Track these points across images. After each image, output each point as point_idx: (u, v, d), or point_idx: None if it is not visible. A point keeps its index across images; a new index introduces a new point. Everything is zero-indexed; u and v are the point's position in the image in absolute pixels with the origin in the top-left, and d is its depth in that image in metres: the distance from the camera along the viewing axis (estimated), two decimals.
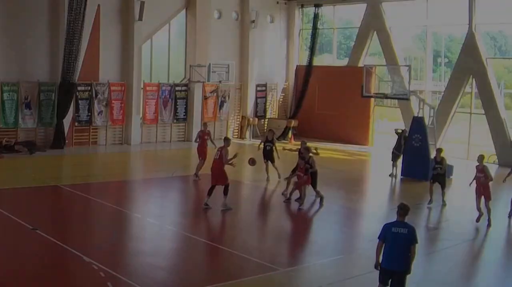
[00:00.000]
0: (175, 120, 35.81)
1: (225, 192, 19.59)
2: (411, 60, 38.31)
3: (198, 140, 25.59)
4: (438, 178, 21.51)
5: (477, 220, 19.08)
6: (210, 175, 19.99)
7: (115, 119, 33.44)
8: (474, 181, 19.52)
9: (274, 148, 25.35)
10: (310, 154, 21.04)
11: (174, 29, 36.88)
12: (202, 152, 25.22)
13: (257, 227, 19.47)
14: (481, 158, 19.68)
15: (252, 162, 21.68)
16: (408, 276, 11.19)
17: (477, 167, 19.50)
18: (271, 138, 25.72)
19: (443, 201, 21.55)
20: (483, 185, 19.21)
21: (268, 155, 25.35)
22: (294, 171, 21.79)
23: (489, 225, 18.90)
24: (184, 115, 36.27)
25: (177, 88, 35.93)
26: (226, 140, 20.16)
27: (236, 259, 15.18)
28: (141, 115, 34.45)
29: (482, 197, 19.16)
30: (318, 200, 21.08)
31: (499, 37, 36.82)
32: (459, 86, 33.45)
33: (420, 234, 13.89)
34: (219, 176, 19.63)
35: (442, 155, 21.69)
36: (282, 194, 22.02)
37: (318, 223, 19.65)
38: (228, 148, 19.87)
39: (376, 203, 23.38)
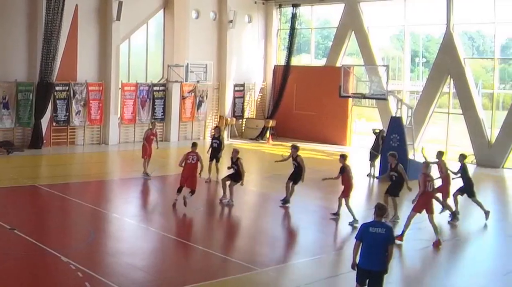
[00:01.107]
0: (153, 120, 35.66)
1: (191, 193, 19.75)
2: (389, 60, 38.58)
3: (144, 140, 25.06)
4: (391, 186, 19.43)
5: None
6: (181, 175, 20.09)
7: (93, 119, 33.33)
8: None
9: (222, 146, 24.50)
10: (298, 153, 20.72)
11: (152, 29, 36.81)
12: (146, 151, 24.77)
13: (236, 227, 19.53)
14: (425, 165, 17.58)
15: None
16: (384, 276, 11.25)
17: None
18: (217, 135, 24.96)
19: (395, 215, 19.25)
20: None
21: (214, 153, 24.55)
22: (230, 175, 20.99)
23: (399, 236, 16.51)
24: (162, 115, 36.20)
25: (155, 88, 35.86)
26: (195, 145, 20.28)
27: (215, 259, 15.20)
28: (119, 115, 34.35)
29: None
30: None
31: (477, 37, 37.06)
32: (437, 86, 33.66)
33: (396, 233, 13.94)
34: (191, 179, 19.71)
35: (396, 160, 19.35)
36: (221, 200, 21.22)
37: (296, 223, 19.68)
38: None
39: (353, 203, 23.38)
